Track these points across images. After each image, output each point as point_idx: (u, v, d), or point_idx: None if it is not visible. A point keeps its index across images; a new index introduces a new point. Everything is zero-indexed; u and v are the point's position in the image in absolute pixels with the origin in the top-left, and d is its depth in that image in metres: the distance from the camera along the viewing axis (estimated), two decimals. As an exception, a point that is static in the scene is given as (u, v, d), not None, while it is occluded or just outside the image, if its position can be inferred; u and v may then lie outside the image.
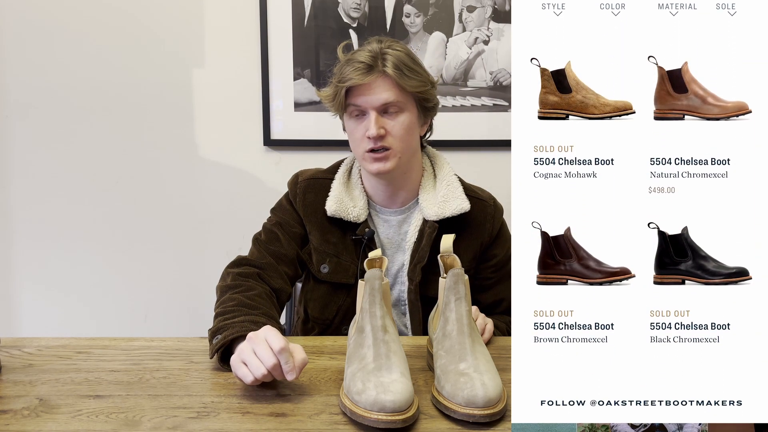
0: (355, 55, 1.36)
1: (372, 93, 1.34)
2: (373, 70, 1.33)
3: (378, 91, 1.34)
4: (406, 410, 0.90)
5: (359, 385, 0.93)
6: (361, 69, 1.32)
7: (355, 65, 1.33)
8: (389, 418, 0.89)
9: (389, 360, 0.96)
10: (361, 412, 0.91)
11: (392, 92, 1.34)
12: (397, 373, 0.94)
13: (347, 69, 1.34)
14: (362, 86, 1.34)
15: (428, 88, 1.38)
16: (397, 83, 1.33)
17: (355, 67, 1.33)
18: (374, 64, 1.33)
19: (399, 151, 1.36)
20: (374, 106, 1.34)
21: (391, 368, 0.94)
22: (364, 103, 1.34)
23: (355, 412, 0.92)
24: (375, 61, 1.33)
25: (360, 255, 1.42)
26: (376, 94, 1.34)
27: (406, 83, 1.33)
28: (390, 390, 0.90)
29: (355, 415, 0.92)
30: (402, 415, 0.90)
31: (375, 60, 1.33)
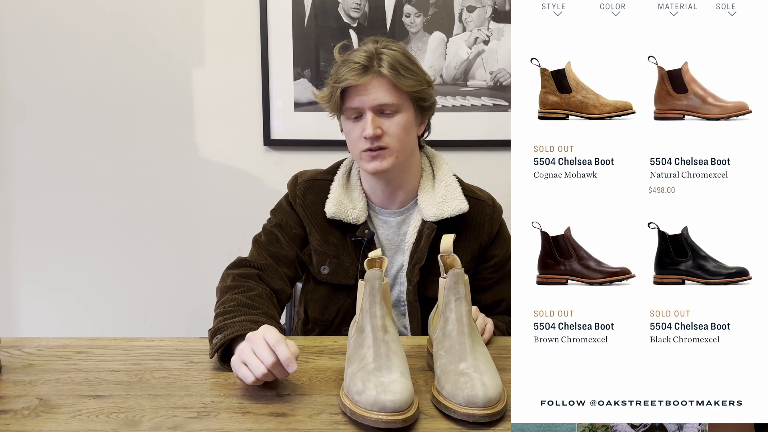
0: (351, 56, 1.35)
1: (368, 93, 1.34)
2: (368, 71, 1.33)
3: (374, 91, 1.34)
4: (406, 410, 0.90)
5: (359, 385, 0.93)
6: (356, 69, 1.33)
7: (350, 66, 1.33)
8: (389, 418, 0.89)
9: (389, 360, 0.96)
10: (361, 412, 0.91)
11: (388, 92, 1.34)
12: (397, 373, 0.94)
13: (343, 69, 1.34)
14: (358, 87, 1.34)
15: (424, 87, 1.38)
16: (393, 83, 1.33)
17: (350, 67, 1.33)
18: (370, 65, 1.33)
19: (396, 150, 1.36)
20: (370, 107, 1.34)
21: (391, 368, 0.94)
22: (360, 104, 1.34)
23: (355, 412, 0.92)
24: (370, 61, 1.33)
25: (360, 256, 1.42)
26: (371, 94, 1.34)
27: (401, 83, 1.33)
28: (390, 390, 0.90)
29: (355, 415, 0.92)
30: (402, 415, 0.90)
31: (370, 60, 1.33)
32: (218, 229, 2.16)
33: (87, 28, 2.08)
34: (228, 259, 1.39)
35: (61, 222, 2.16)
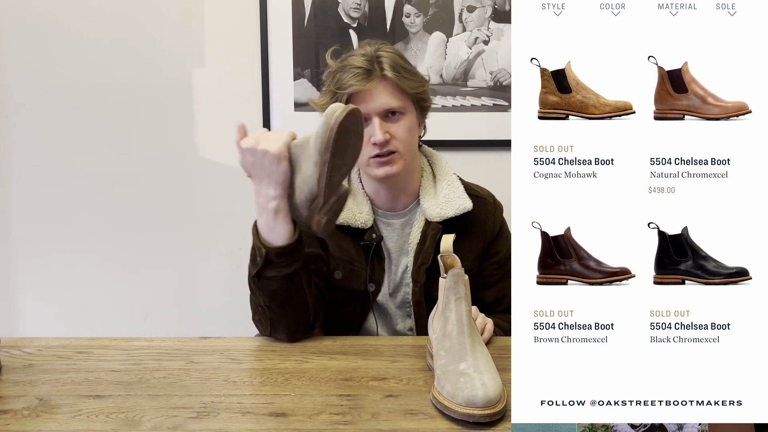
0: (350, 61, 1.34)
1: (374, 99, 1.33)
2: (372, 75, 1.32)
3: (380, 96, 1.33)
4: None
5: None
6: (360, 75, 1.31)
7: (352, 71, 1.32)
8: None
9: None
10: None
11: (393, 96, 1.33)
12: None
13: (345, 76, 1.33)
14: (363, 92, 1.33)
15: (425, 87, 1.38)
16: (397, 86, 1.33)
17: (353, 73, 1.32)
18: (372, 68, 1.32)
19: (404, 153, 1.36)
20: (377, 112, 1.33)
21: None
22: (366, 110, 1.32)
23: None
24: (372, 65, 1.32)
25: (368, 261, 1.42)
26: (378, 99, 1.33)
27: (405, 85, 1.33)
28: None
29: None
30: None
31: (371, 64, 1.32)
32: (218, 229, 2.16)
33: (87, 28, 2.08)
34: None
35: (61, 222, 2.16)
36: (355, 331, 1.44)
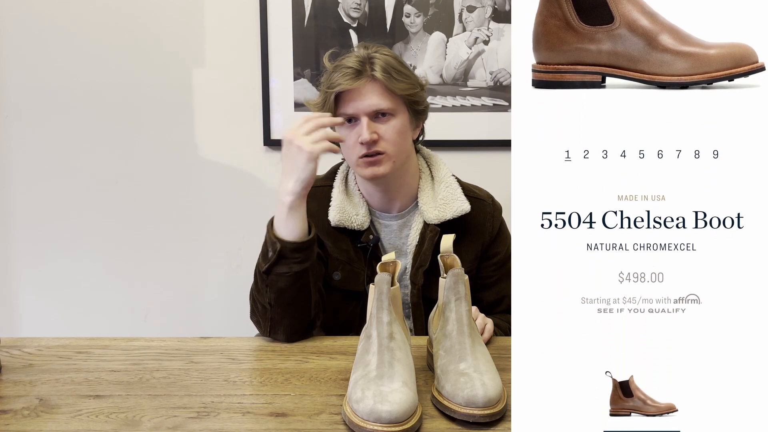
0: (343, 62, 1.36)
1: (362, 98, 1.34)
2: (361, 75, 1.33)
3: (368, 96, 1.34)
4: (404, 422, 0.88)
5: (359, 393, 0.91)
6: (349, 74, 1.32)
7: (343, 71, 1.33)
8: (385, 429, 0.87)
9: (392, 368, 0.93)
10: (357, 422, 0.89)
11: (382, 97, 1.34)
12: (398, 383, 0.92)
13: (335, 75, 1.34)
14: (352, 92, 1.33)
15: (417, 90, 1.38)
16: (386, 87, 1.33)
17: (343, 72, 1.33)
18: (362, 69, 1.33)
19: (393, 155, 1.36)
20: (365, 112, 1.34)
21: (393, 377, 0.92)
22: (354, 109, 1.34)
23: (352, 420, 0.90)
24: (363, 65, 1.33)
25: (366, 262, 1.42)
26: (366, 99, 1.34)
27: (395, 86, 1.33)
28: (388, 400, 0.88)
29: (353, 425, 0.90)
30: (399, 427, 0.87)
31: (363, 65, 1.33)
32: (218, 229, 2.16)
33: (87, 28, 2.08)
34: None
35: (60, 222, 2.16)
36: (355, 332, 1.44)
